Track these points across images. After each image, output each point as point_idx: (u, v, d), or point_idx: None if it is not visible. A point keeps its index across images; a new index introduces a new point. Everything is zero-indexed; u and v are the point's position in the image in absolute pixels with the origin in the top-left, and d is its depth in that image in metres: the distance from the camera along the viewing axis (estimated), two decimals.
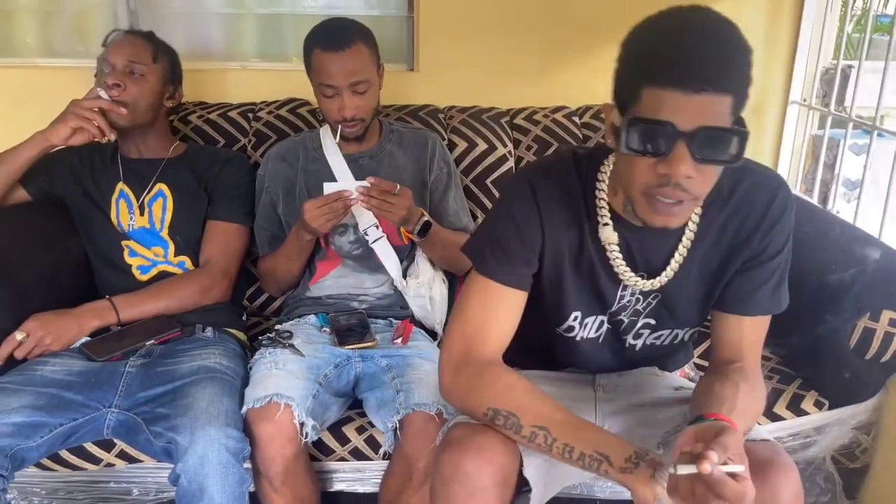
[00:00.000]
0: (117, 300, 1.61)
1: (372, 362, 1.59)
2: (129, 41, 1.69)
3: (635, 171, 1.00)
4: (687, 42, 0.92)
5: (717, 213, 1.15)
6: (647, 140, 0.95)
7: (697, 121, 0.92)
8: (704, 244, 1.16)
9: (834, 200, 2.34)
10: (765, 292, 1.17)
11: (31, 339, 1.50)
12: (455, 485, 1.08)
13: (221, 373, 1.48)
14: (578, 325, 1.25)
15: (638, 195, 1.02)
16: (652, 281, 1.18)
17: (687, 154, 0.94)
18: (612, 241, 1.15)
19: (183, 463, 1.29)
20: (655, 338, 1.28)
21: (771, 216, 1.14)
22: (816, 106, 2.40)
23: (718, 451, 0.89)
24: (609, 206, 1.15)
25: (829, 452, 1.66)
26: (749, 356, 1.18)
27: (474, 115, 2.15)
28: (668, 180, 0.96)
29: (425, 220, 1.64)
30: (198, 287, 1.68)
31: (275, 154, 1.84)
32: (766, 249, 1.15)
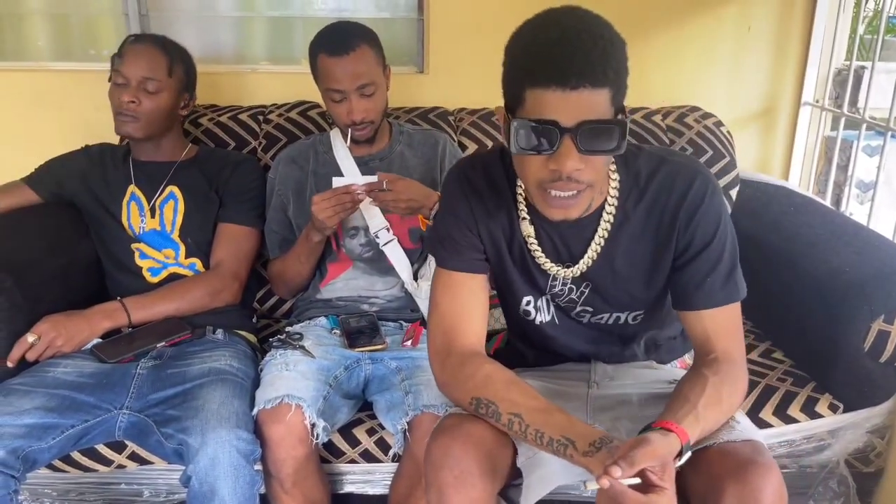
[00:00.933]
0: (128, 302, 1.61)
1: (382, 364, 1.59)
2: (145, 53, 1.66)
3: (528, 168, 1.05)
4: (561, 41, 0.97)
5: (635, 202, 1.18)
6: (534, 139, 1.00)
7: (579, 116, 0.97)
8: (626, 232, 1.19)
9: (847, 202, 2.33)
10: (714, 283, 1.16)
11: (42, 341, 1.50)
12: (445, 469, 1.10)
13: (232, 374, 1.48)
14: (534, 309, 1.30)
15: (534, 191, 1.07)
16: (573, 269, 1.22)
17: (573, 148, 0.99)
18: (530, 235, 1.21)
19: (194, 465, 1.29)
20: (598, 319, 1.30)
21: (689, 205, 1.15)
22: (829, 107, 2.38)
23: (623, 464, 0.93)
24: (527, 201, 1.20)
25: (843, 456, 1.64)
26: (721, 347, 1.17)
27: (484, 117, 2.14)
28: (559, 175, 1.01)
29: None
30: (208, 289, 1.68)
31: (285, 157, 1.84)
32: (694, 239, 1.16)
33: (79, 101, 2.22)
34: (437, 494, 1.11)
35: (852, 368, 1.56)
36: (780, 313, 1.76)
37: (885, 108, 2.00)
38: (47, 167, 1.81)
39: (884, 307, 1.50)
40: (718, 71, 2.36)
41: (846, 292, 1.54)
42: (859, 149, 2.21)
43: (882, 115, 2.10)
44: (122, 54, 1.67)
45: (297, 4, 2.34)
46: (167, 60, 1.68)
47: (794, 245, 1.77)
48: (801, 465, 1.63)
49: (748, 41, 2.34)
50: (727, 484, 1.03)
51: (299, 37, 2.36)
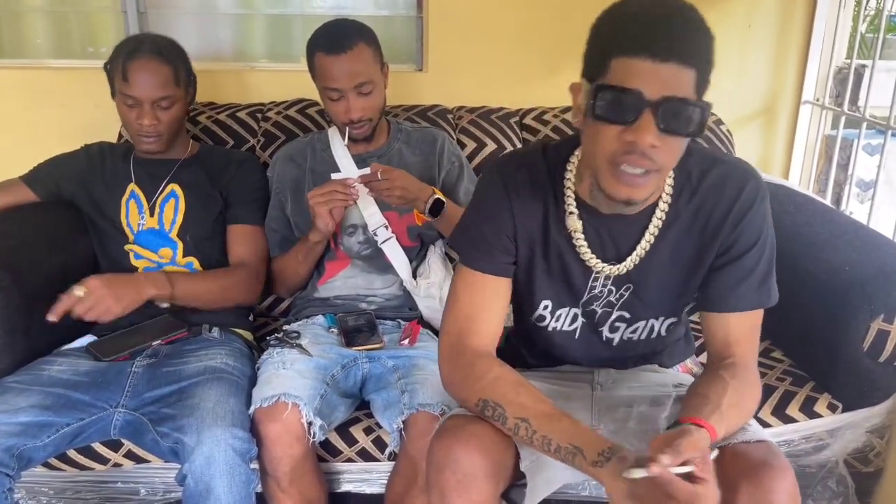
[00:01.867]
0: (171, 274, 1.60)
1: (379, 363, 1.58)
2: (151, 71, 1.61)
3: (601, 139, 1.01)
4: (656, 15, 0.96)
5: (686, 201, 1.16)
6: (614, 107, 0.98)
7: (663, 90, 0.95)
8: (675, 231, 1.17)
9: (847, 201, 2.32)
10: (748, 287, 1.16)
11: (92, 297, 1.45)
12: (447, 472, 1.09)
13: (228, 373, 1.47)
14: (549, 314, 1.27)
15: (603, 165, 1.03)
16: (619, 266, 1.19)
17: (652, 123, 0.96)
18: (576, 229, 1.18)
19: (189, 463, 1.28)
20: (632, 332, 1.28)
21: (739, 208, 1.14)
22: (829, 106, 2.38)
23: (671, 453, 0.92)
24: (576, 195, 1.17)
25: (842, 456, 1.64)
26: (739, 352, 1.17)
27: (483, 115, 2.14)
28: (634, 148, 0.98)
29: (436, 198, 1.63)
30: (243, 283, 1.69)
31: (283, 155, 1.84)
32: (737, 242, 1.15)
33: (78, 99, 2.22)
34: (439, 497, 1.10)
35: (852, 368, 1.55)
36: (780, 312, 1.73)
37: (886, 106, 1.99)
38: (45, 167, 1.80)
39: (884, 306, 1.49)
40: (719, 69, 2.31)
41: (846, 291, 1.53)
42: (860, 147, 2.21)
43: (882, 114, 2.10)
44: (125, 76, 1.61)
45: (296, 2, 2.33)
46: (172, 70, 1.65)
47: (793, 244, 1.76)
48: (799, 464, 1.62)
49: (749, 39, 2.33)
50: (741, 485, 1.03)
51: (298, 34, 2.36)
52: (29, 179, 1.78)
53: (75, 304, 1.44)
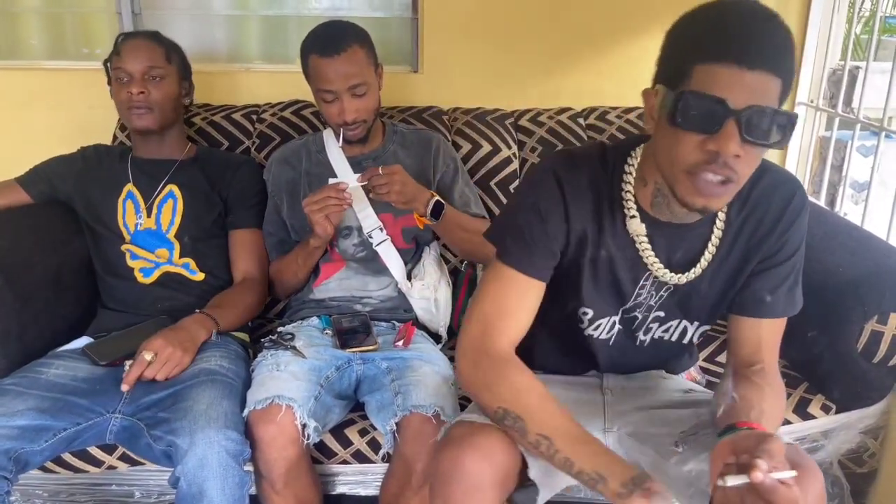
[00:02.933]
0: (212, 312, 1.61)
1: (373, 365, 1.58)
2: (142, 46, 1.68)
3: (681, 148, 0.99)
4: (743, 21, 0.94)
5: (737, 211, 1.16)
6: (697, 115, 0.95)
7: (749, 99, 0.93)
8: (728, 240, 1.17)
9: (842, 202, 2.33)
10: (781, 294, 1.17)
11: (161, 357, 1.45)
12: (453, 483, 1.07)
13: (222, 375, 1.47)
14: (588, 322, 1.25)
15: (681, 174, 1.01)
16: (679, 275, 1.17)
17: (736, 132, 0.94)
18: (640, 233, 1.15)
19: (182, 465, 1.28)
20: (664, 330, 1.27)
21: (788, 216, 1.14)
22: (824, 107, 2.38)
23: (766, 458, 0.89)
24: (636, 200, 1.14)
25: (837, 457, 1.64)
26: (768, 358, 1.18)
27: (478, 116, 2.14)
28: (717, 157, 0.96)
29: (435, 200, 1.63)
30: (262, 298, 1.77)
31: (278, 158, 1.83)
32: (781, 249, 1.16)
33: (72, 100, 2.21)
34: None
35: (846, 369, 1.55)
36: None
37: (880, 108, 1.99)
38: (40, 168, 1.80)
39: (877, 308, 1.50)
40: None
41: (840, 292, 1.54)
42: (854, 149, 2.21)
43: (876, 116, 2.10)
44: (118, 52, 1.67)
45: (291, 3, 2.33)
46: (163, 49, 1.70)
47: None
48: None
49: None
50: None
51: (293, 36, 2.36)
52: (23, 181, 1.78)
53: (145, 368, 1.45)
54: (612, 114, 2.18)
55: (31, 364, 1.51)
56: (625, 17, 2.27)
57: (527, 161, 2.09)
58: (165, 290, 1.71)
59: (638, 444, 1.24)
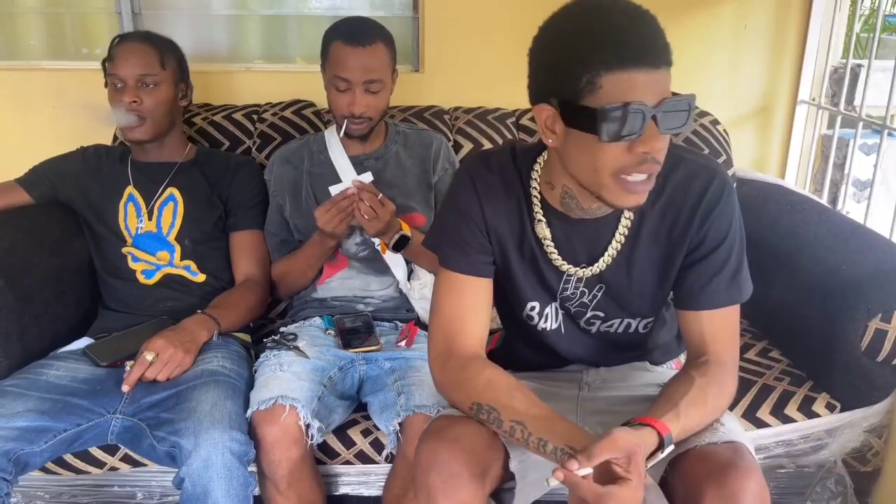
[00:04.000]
0: (213, 312, 1.61)
1: (375, 365, 1.58)
2: (135, 51, 1.65)
3: (606, 157, 1.00)
4: (635, 23, 0.96)
5: (651, 203, 1.15)
6: (624, 125, 0.97)
7: (659, 94, 0.97)
8: (644, 233, 1.18)
9: (844, 201, 2.33)
10: (719, 284, 1.16)
11: (162, 357, 1.45)
12: (433, 474, 1.09)
13: (225, 376, 1.47)
14: (538, 315, 1.27)
15: (608, 180, 1.03)
16: (589, 268, 1.20)
17: (656, 129, 0.98)
18: (546, 236, 1.19)
19: (187, 466, 1.28)
20: (608, 326, 1.28)
21: (706, 204, 1.14)
22: (826, 105, 2.38)
23: (581, 458, 0.94)
24: (543, 201, 1.18)
25: (841, 455, 1.64)
26: (715, 349, 1.16)
27: (480, 115, 2.14)
28: (646, 157, 1.00)
29: (402, 233, 1.64)
30: (264, 299, 1.76)
31: (279, 157, 1.83)
32: (706, 239, 1.15)
33: (72, 100, 2.21)
34: (425, 498, 1.10)
35: (850, 367, 1.55)
36: (777, 312, 1.76)
37: (882, 106, 2.00)
38: (41, 169, 1.79)
39: (881, 306, 1.50)
40: (715, 69, 2.35)
41: (843, 291, 1.53)
42: (856, 147, 2.21)
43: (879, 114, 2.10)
44: (111, 57, 1.66)
45: (292, 3, 2.32)
46: (157, 53, 1.67)
47: (790, 244, 1.76)
48: (798, 464, 1.62)
49: (744, 39, 2.33)
50: (706, 487, 1.03)
51: (294, 35, 2.35)
52: (24, 181, 1.77)
53: (147, 369, 1.44)
54: None
55: (31, 365, 1.51)
56: None
57: None
58: (167, 292, 1.71)
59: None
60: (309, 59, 2.33)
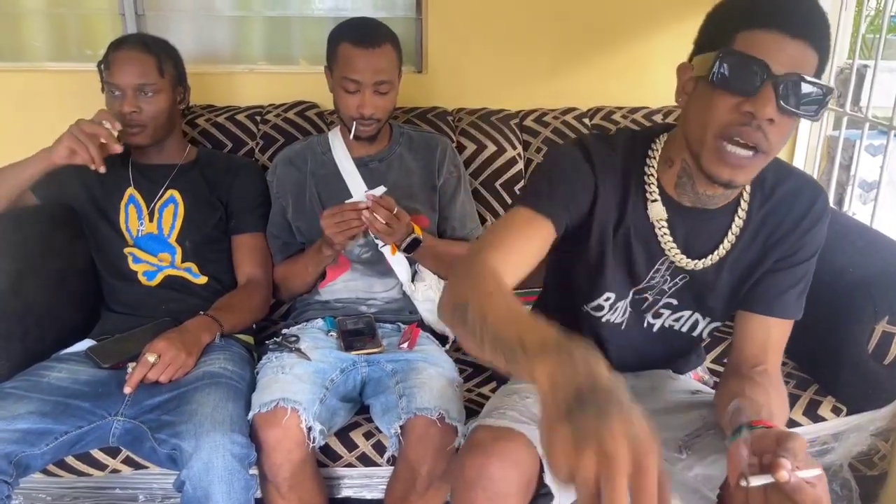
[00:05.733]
0: (215, 314, 1.60)
1: (377, 367, 1.57)
2: (132, 59, 1.63)
3: (716, 109, 0.99)
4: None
5: (758, 207, 1.16)
6: (737, 75, 0.96)
7: (790, 66, 0.95)
8: (747, 234, 1.17)
9: (850, 202, 2.31)
10: (792, 295, 1.17)
11: (164, 359, 1.44)
12: (478, 489, 1.05)
13: (227, 378, 1.46)
14: (609, 306, 1.24)
15: (710, 140, 1.01)
16: (695, 261, 1.17)
17: (773, 96, 0.95)
18: (661, 217, 1.15)
19: (188, 469, 1.27)
20: (675, 319, 1.26)
21: (809, 219, 1.15)
22: (831, 106, 2.36)
23: (789, 457, 0.87)
24: (658, 183, 1.15)
25: (847, 459, 1.63)
26: (772, 360, 1.18)
27: (483, 117, 2.13)
28: (751, 120, 0.97)
29: (414, 236, 1.63)
30: (266, 301, 1.76)
31: (283, 159, 1.82)
32: (798, 251, 1.16)
33: (75, 102, 2.18)
34: None
35: (856, 370, 1.54)
36: None
37: (888, 107, 1.98)
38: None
39: (888, 308, 1.49)
40: None
41: (850, 293, 1.52)
42: (862, 148, 2.19)
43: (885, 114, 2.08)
44: (108, 64, 1.64)
45: (295, 4, 2.32)
46: (155, 60, 1.65)
47: None
48: None
49: None
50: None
51: (297, 37, 2.35)
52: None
53: (149, 370, 1.44)
54: (618, 114, 2.17)
55: (33, 367, 1.50)
56: (630, 18, 2.26)
57: (532, 161, 2.07)
58: (169, 293, 1.70)
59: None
60: (312, 61, 2.33)
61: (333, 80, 1.68)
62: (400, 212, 1.58)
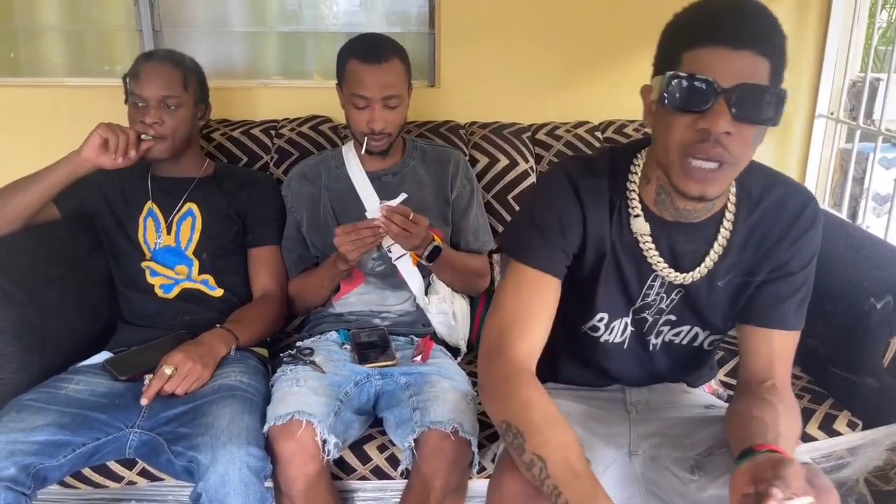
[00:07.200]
0: (231, 327, 1.62)
1: (391, 380, 1.58)
2: (159, 72, 1.66)
3: (673, 130, 1.01)
4: (729, 8, 0.98)
5: (745, 216, 1.16)
6: (686, 95, 0.98)
7: (737, 78, 0.96)
8: (735, 246, 1.17)
9: (864, 215, 2.30)
10: (791, 306, 1.17)
11: (181, 371, 1.46)
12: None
13: (242, 390, 1.47)
14: (604, 326, 1.25)
15: (675, 158, 1.02)
16: (683, 275, 1.18)
17: (726, 109, 0.96)
18: (644, 232, 1.16)
19: (204, 482, 1.28)
20: (675, 334, 1.27)
21: (799, 227, 1.15)
22: (844, 119, 2.36)
23: (781, 486, 0.88)
24: (640, 199, 1.16)
25: (863, 474, 1.61)
26: (780, 373, 1.17)
27: (496, 130, 2.14)
28: (707, 135, 0.98)
29: (434, 245, 1.63)
30: (282, 314, 1.78)
31: (297, 174, 1.84)
32: (791, 260, 1.16)
33: (93, 117, 2.20)
34: None
35: (871, 385, 1.53)
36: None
37: None
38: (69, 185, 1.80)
39: None
40: None
41: (864, 306, 1.51)
42: (875, 161, 2.19)
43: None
44: (136, 75, 1.67)
45: (309, 20, 2.35)
46: (181, 75, 1.68)
47: None
48: None
49: None
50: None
51: (311, 52, 2.38)
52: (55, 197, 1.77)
53: (166, 383, 1.45)
54: (630, 127, 2.18)
55: (51, 379, 1.52)
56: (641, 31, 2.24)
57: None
58: (185, 306, 1.72)
59: (661, 469, 1.23)
60: (326, 75, 2.36)
61: (343, 97, 1.70)
62: (417, 217, 1.58)
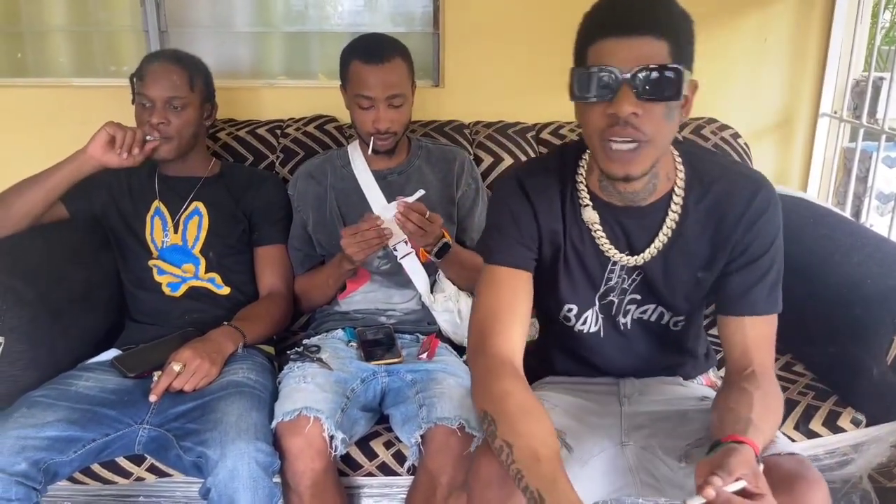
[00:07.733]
0: (239, 325, 1.63)
1: (397, 377, 1.59)
2: (166, 72, 1.67)
3: (589, 118, 1.08)
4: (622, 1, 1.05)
5: (696, 200, 1.19)
6: (591, 87, 1.04)
7: (635, 62, 1.01)
8: (688, 229, 1.20)
9: (867, 214, 2.31)
10: (760, 292, 1.19)
11: (189, 368, 1.47)
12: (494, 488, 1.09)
13: (250, 387, 1.48)
14: (575, 317, 1.29)
15: (596, 143, 1.09)
16: (636, 257, 1.22)
17: (630, 93, 1.02)
18: (594, 221, 1.21)
19: (213, 477, 1.29)
20: (641, 312, 1.29)
21: (753, 212, 1.17)
22: (847, 118, 2.37)
23: (722, 474, 0.92)
24: (588, 189, 1.21)
25: (867, 471, 1.62)
26: (758, 359, 1.18)
27: (500, 129, 2.15)
28: (617, 119, 1.04)
29: (444, 241, 1.64)
30: (288, 312, 1.78)
31: (303, 173, 1.85)
32: (751, 245, 1.18)
33: (100, 117, 2.21)
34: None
35: (875, 382, 1.53)
36: (801, 326, 1.73)
37: None
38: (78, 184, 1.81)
39: None
40: (735, 83, 2.35)
41: (868, 305, 1.52)
42: (879, 160, 2.20)
43: None
44: (142, 76, 1.68)
45: (314, 20, 2.36)
46: (187, 75, 1.69)
47: (814, 257, 1.75)
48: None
49: (765, 53, 2.33)
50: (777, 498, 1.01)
51: (316, 52, 2.39)
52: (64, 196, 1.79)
53: (174, 379, 1.46)
54: None
55: (60, 376, 1.53)
56: None
57: None
58: (192, 304, 1.73)
59: (654, 459, 1.24)
60: (331, 75, 2.36)
61: (348, 97, 1.71)
62: (433, 215, 1.59)
